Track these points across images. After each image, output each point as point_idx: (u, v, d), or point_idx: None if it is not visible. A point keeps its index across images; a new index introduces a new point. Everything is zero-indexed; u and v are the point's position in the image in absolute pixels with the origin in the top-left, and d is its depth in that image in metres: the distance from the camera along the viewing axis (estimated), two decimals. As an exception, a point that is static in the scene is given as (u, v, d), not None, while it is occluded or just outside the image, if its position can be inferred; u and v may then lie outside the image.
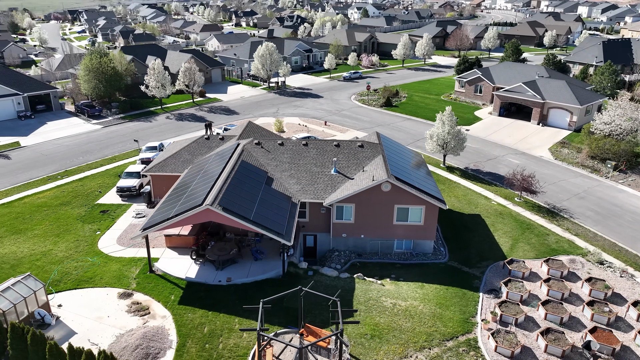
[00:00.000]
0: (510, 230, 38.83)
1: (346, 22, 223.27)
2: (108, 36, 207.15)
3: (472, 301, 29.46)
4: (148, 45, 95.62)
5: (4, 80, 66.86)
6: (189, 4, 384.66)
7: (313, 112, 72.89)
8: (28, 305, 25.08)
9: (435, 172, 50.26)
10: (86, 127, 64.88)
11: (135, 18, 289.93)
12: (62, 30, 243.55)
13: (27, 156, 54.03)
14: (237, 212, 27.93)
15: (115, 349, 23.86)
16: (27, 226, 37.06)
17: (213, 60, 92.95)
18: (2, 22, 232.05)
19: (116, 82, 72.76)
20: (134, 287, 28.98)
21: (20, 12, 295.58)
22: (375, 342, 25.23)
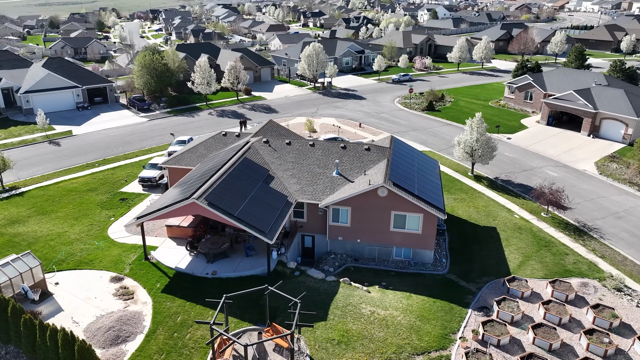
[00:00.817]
0: (525, 247, 36.50)
1: (412, 23, 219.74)
2: (181, 34, 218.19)
3: (458, 317, 28.10)
4: (203, 44, 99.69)
5: (66, 73, 72.66)
6: (262, 5, 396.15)
7: (351, 113, 72.52)
8: (24, 281, 27.23)
9: (460, 181, 48.30)
10: (134, 119, 68.92)
11: (209, 18, 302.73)
12: (142, 28, 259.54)
13: (75, 144, 58.37)
14: (222, 207, 28.57)
15: (91, 328, 25.31)
16: (53, 208, 40.13)
17: (263, 59, 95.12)
18: (90, 21, 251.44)
19: (166, 78, 76.59)
20: (126, 272, 30.54)
21: (108, 11, 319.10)
22: (341, 348, 24.81)
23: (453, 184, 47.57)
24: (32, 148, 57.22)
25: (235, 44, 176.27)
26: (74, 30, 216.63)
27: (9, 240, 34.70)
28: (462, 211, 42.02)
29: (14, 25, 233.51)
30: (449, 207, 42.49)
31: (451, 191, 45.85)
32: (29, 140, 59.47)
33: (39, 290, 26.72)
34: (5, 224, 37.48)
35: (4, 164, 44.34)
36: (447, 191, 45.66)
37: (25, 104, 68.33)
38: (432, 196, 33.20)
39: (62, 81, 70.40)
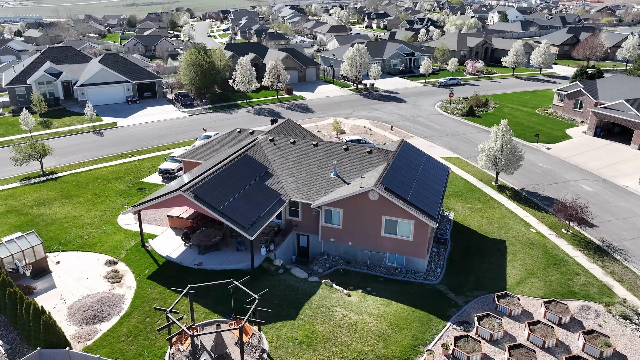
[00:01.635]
0: (531, 263, 34.41)
1: (479, 26, 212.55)
2: (245, 34, 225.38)
3: (434, 329, 27.09)
4: (251, 43, 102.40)
5: (119, 69, 77.55)
6: (330, 6, 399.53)
7: (387, 116, 71.58)
8: (26, 258, 29.60)
9: (481, 190, 46.28)
10: (176, 114, 72.27)
11: (276, 18, 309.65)
12: (211, 28, 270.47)
13: (116, 135, 62.23)
14: (207, 201, 29.46)
15: (75, 306, 27.05)
16: (77, 193, 43.12)
17: (308, 60, 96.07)
18: (164, 20, 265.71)
19: (211, 76, 79.56)
20: (121, 257, 32.27)
21: (182, 11, 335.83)
22: (301, 348, 24.78)
23: (472, 192, 45.70)
24: (78, 137, 61.71)
25: (295, 44, 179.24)
26: (147, 29, 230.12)
27: (30, 220, 37.79)
28: (473, 221, 40.32)
29: (96, 24, 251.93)
30: (460, 217, 40.99)
31: (468, 200, 44.10)
32: (77, 129, 64.17)
33: (30, 266, 28.95)
34: (32, 204, 40.82)
35: (45, 150, 48.19)
36: (464, 200, 44.00)
37: (81, 96, 73.75)
38: (428, 203, 32.20)
39: (114, 76, 75.25)
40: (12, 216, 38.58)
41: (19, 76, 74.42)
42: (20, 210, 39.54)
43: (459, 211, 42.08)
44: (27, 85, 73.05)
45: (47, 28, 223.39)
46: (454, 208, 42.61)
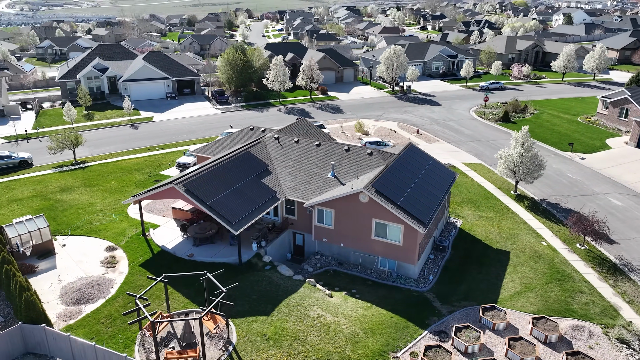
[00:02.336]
0: (532, 277, 32.79)
1: (540, 28, 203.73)
2: (298, 34, 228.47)
3: (409, 337, 26.52)
4: (291, 43, 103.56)
5: (161, 66, 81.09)
6: (388, 7, 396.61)
7: (417, 119, 70.30)
8: (32, 239, 31.83)
9: (497, 198, 44.52)
10: (210, 111, 74.62)
11: (330, 19, 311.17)
12: (266, 28, 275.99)
13: (150, 129, 65.20)
14: (196, 194, 30.41)
15: (67, 287, 28.80)
16: (99, 182, 45.67)
17: (346, 60, 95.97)
18: (222, 20, 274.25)
19: (247, 75, 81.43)
20: (121, 244, 33.93)
21: (240, 12, 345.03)
22: (268, 344, 25.07)
23: (487, 200, 44.09)
24: (115, 129, 65.22)
25: (345, 45, 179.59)
26: (205, 28, 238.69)
27: (51, 204, 40.50)
28: (480, 230, 38.93)
29: (158, 23, 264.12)
30: (467, 224, 39.72)
31: (480, 208, 42.60)
32: (116, 122, 67.81)
33: (30, 247, 31.09)
34: (57, 190, 43.70)
35: (77, 141, 51.41)
36: (476, 208, 42.55)
37: (124, 91, 77.83)
38: (420, 209, 31.50)
39: (155, 72, 78.79)
40: (36, 200, 41.53)
41: (70, 71, 79.68)
42: (45, 195, 42.46)
43: (468, 219, 40.77)
44: (77, 80, 78.06)
45: (113, 27, 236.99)
46: (464, 215, 41.33)
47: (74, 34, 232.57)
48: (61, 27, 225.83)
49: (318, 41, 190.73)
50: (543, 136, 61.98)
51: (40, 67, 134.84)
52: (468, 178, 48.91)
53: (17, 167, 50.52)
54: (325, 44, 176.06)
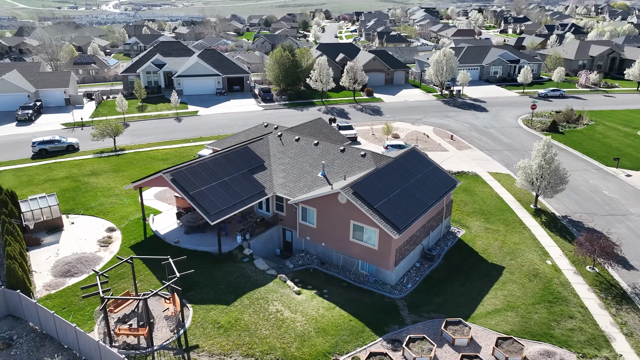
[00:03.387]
0: (520, 296, 30.81)
1: (634, 33, 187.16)
2: (370, 35, 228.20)
3: (361, 341, 26.11)
4: (344, 44, 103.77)
5: (213, 63, 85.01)
6: (470, 9, 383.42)
7: (456, 124, 67.86)
8: (43, 215, 35.18)
9: (512, 211, 42.07)
10: (253, 107, 77.11)
11: (407, 21, 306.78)
12: (340, 29, 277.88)
13: (191, 122, 68.73)
14: (180, 184, 31.97)
15: (60, 261, 31.52)
16: (125, 169, 49.11)
17: (397, 62, 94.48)
18: (297, 21, 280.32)
19: (294, 74, 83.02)
20: (122, 226, 36.44)
21: (318, 13, 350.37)
22: (217, 332, 25.88)
23: (500, 212, 41.81)
24: (160, 121, 69.55)
25: (415, 47, 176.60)
26: (280, 28, 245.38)
27: (76, 186, 44.31)
28: (481, 242, 37.10)
29: (237, 23, 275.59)
30: (469, 235, 38.05)
31: (490, 220, 40.53)
32: (163, 115, 72.27)
33: (33, 221, 34.32)
34: (87, 174, 47.68)
35: (117, 130, 55.63)
36: (486, 219, 40.57)
37: (177, 86, 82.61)
38: (400, 214, 30.76)
39: (207, 69, 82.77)
40: (67, 181, 45.65)
41: (132, 66, 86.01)
42: (75, 177, 46.54)
43: (472, 230, 39.01)
44: (137, 74, 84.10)
45: (194, 26, 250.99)
46: (469, 226, 39.58)
47: (162, 32, 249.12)
48: (148, 26, 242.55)
49: (387, 43, 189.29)
50: (589, 149, 57.35)
51: (124, 62, 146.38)
52: (488, 188, 46.62)
53: (65, 151, 55.68)
54: (394, 46, 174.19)
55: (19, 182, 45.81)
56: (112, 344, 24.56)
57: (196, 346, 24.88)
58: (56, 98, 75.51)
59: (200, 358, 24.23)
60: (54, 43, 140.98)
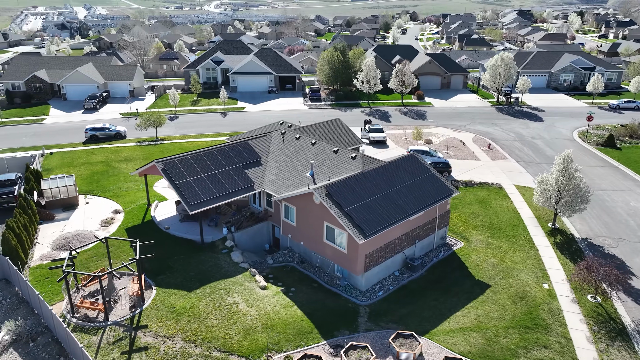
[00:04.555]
0: (494, 317, 28.78)
1: None
2: (451, 38, 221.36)
3: (304, 342, 25.99)
4: (401, 46, 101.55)
5: (268, 62, 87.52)
6: (570, 11, 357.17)
7: (501, 133, 64.05)
8: (60, 193, 38.84)
9: (525, 228, 39.16)
10: (298, 106, 78.37)
11: (495, 24, 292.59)
12: (422, 31, 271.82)
13: (235, 118, 71.46)
14: (169, 174, 33.73)
15: (62, 235, 34.63)
16: (157, 157, 52.32)
17: (455, 66, 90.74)
18: (379, 22, 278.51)
19: (345, 75, 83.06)
20: (127, 209, 39.14)
21: (403, 14, 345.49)
22: (169, 316, 27.07)
23: (511, 228, 39.07)
24: (207, 115, 73.15)
25: (496, 51, 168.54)
26: (360, 29, 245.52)
27: (106, 170, 48.20)
28: (476, 258, 35.05)
29: (319, 24, 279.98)
30: (466, 249, 36.15)
31: (496, 235, 38.08)
32: (212, 109, 75.89)
33: (44, 198, 37.88)
34: (120, 160, 51.61)
35: (159, 121, 59.54)
36: (491, 234, 38.21)
37: (232, 82, 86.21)
38: (372, 220, 30.04)
39: (260, 67, 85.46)
40: (100, 165, 49.83)
41: (194, 62, 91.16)
42: (108, 162, 50.63)
43: (472, 244, 36.93)
44: (197, 70, 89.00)
45: (276, 26, 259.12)
46: (471, 239, 37.51)
47: (246, 31, 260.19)
48: (234, 25, 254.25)
49: (467, 46, 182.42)
50: (645, 168, 51.49)
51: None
52: (507, 202, 43.69)
53: (113, 138, 60.66)
54: (473, 49, 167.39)
55: (62, 163, 50.83)
56: (73, 315, 26.71)
57: (145, 326, 26.29)
58: (122, 89, 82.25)
59: (144, 337, 25.59)
60: (146, 40, 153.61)
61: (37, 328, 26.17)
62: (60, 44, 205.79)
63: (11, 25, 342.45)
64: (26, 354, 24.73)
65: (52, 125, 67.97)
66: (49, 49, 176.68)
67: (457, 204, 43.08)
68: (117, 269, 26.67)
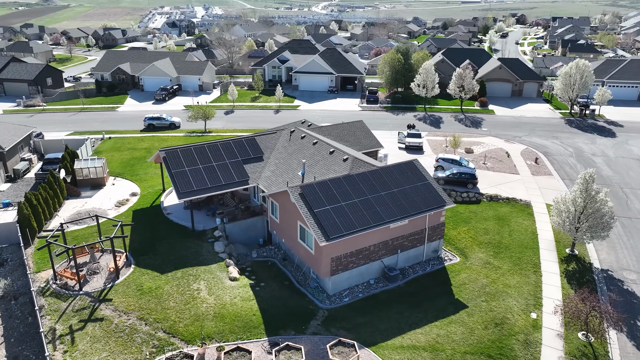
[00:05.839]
0: (456, 340, 26.91)
1: None
2: (554, 43, 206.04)
3: (246, 336, 26.38)
4: (470, 50, 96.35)
5: (331, 62, 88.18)
6: None
7: (557, 148, 58.58)
8: (90, 173, 43.01)
9: (536, 250, 35.89)
10: (351, 107, 78.12)
11: (613, 28, 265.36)
12: (525, 35, 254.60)
13: (286, 115, 73.15)
14: (168, 163, 35.91)
15: (78, 210, 38.46)
16: (192, 148, 55.63)
17: (530, 73, 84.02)
18: (477, 25, 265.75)
19: (408, 77, 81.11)
20: (144, 193, 42.25)
21: (507, 17, 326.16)
22: (135, 293, 28.91)
23: (520, 250, 35.95)
24: (261, 111, 75.78)
25: (604, 58, 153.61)
26: (455, 32, 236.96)
27: (144, 156, 52.22)
28: (466, 276, 32.87)
29: (414, 25, 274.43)
30: (458, 266, 34.13)
31: (499, 256, 35.32)
32: (267, 106, 78.44)
33: (70, 176, 42.01)
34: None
35: (208, 114, 63.11)
36: (495, 254, 35.51)
37: (294, 81, 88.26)
38: (341, 224, 29.53)
39: (321, 67, 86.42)
40: (142, 151, 54.14)
41: (261, 61, 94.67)
42: (150, 149, 54.79)
43: (469, 261, 34.64)
44: (263, 68, 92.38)
45: (370, 27, 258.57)
46: (469, 256, 35.21)
47: (343, 32, 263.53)
48: (327, 26, 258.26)
49: (570, 52, 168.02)
50: None
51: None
52: (529, 221, 40.13)
53: (167, 127, 65.44)
54: (578, 55, 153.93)
55: (112, 147, 56.09)
56: (55, 281, 29.70)
57: (110, 300, 28.44)
58: (192, 83, 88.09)
59: (105, 310, 27.72)
60: (243, 38, 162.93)
61: (24, 289, 29.51)
62: (168, 40, 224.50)
63: (140, 22, 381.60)
64: (6, 310, 28.09)
65: (123, 113, 74.97)
66: (155, 45, 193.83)
67: (470, 218, 40.52)
68: (89, 244, 29.21)
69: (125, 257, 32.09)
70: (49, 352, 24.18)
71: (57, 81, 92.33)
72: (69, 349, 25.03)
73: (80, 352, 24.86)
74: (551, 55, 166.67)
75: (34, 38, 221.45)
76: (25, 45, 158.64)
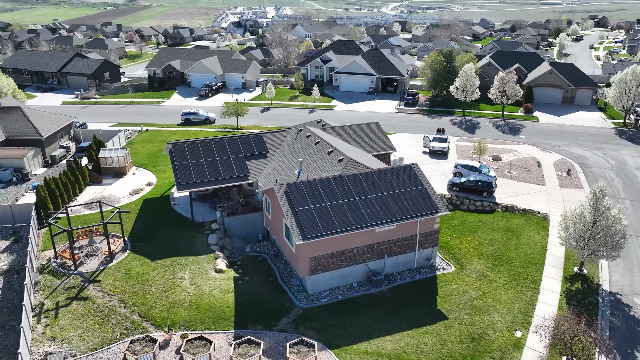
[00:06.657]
0: (426, 352, 26.09)
1: None
2: (634, 47, 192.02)
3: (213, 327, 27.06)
4: (522, 53, 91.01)
5: (372, 63, 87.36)
6: None
7: (597, 159, 54.56)
8: (113, 162, 45.67)
9: (541, 266, 33.90)
10: (387, 109, 76.99)
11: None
12: (602, 39, 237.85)
13: (320, 115, 73.13)
14: (173, 156, 37.45)
15: (96, 196, 41.02)
16: (218, 143, 57.38)
17: (584, 79, 78.42)
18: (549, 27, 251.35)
19: (450, 80, 78.73)
20: (159, 184, 44.24)
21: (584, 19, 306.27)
22: (123, 277, 30.44)
23: (523, 264, 34.05)
24: (297, 110, 76.61)
25: None
26: (523, 34, 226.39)
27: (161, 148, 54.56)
28: (455, 287, 31.69)
29: (480, 27, 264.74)
30: (449, 277, 33.04)
31: (498, 269, 33.68)
32: (304, 105, 79.14)
33: (91, 163, 44.66)
34: (189, 142, 57.77)
35: (240, 111, 64.87)
36: (494, 267, 33.94)
37: (335, 81, 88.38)
38: (322, 224, 29.43)
39: (362, 68, 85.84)
40: (170, 144, 56.58)
41: (305, 60, 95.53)
42: (178, 143, 57.10)
43: (464, 271, 33.33)
44: (306, 67, 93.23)
45: (434, 28, 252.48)
46: (465, 267, 33.86)
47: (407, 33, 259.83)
48: (386, 27, 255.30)
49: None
50: None
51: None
52: (541, 235, 37.83)
53: (202, 123, 67.96)
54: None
55: (146, 138, 59.15)
56: (55, 260, 31.94)
57: (99, 281, 30.19)
58: (236, 81, 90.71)
59: (90, 290, 29.48)
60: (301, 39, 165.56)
61: (28, 265, 32.00)
62: (232, 40, 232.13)
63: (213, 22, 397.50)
64: (7, 282, 30.62)
65: (167, 108, 78.72)
66: (218, 43, 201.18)
67: (478, 227, 38.87)
68: (84, 227, 31.10)
69: (123, 242, 33.85)
70: (31, 324, 26.13)
71: (114, 76, 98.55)
72: (50, 322, 26.91)
73: (60, 326, 26.64)
74: (627, 61, 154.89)
75: (112, 36, 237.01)
76: (101, 42, 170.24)
